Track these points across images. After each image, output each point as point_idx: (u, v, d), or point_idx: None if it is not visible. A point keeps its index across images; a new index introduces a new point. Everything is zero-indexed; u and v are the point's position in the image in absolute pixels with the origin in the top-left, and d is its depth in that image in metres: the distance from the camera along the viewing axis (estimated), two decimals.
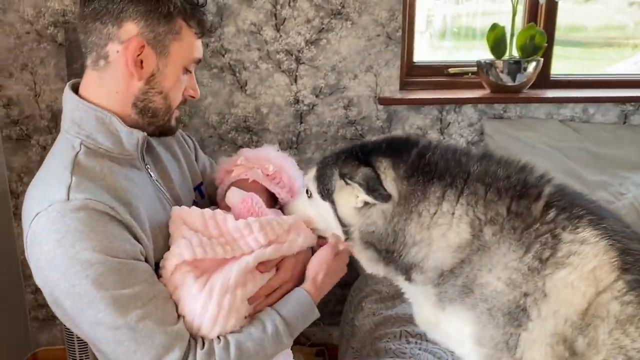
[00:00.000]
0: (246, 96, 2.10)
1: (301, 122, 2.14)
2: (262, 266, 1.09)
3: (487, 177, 0.97)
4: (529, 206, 0.94)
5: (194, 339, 0.99)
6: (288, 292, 1.12)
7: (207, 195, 1.35)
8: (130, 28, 1.02)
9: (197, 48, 1.11)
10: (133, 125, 1.08)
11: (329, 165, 1.07)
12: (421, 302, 1.06)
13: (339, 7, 2.03)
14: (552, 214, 0.93)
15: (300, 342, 2.37)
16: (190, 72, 1.13)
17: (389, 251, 1.01)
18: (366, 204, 1.01)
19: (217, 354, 0.97)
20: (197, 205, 1.15)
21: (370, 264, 1.06)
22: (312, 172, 1.11)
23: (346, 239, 1.07)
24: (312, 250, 1.24)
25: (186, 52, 1.08)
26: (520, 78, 2.12)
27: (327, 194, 1.06)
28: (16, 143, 2.07)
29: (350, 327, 1.82)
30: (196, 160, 1.37)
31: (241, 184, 1.23)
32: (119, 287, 0.93)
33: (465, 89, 2.22)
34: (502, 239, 0.93)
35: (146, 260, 1.01)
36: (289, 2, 2.01)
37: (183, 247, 1.03)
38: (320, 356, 2.32)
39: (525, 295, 0.91)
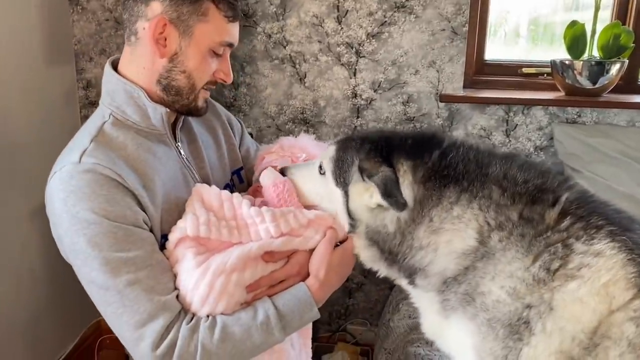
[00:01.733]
0: (305, 88, 2.10)
1: (358, 117, 2.10)
2: (267, 256, 1.06)
3: (505, 181, 0.90)
4: (542, 212, 0.86)
5: (185, 312, 1.00)
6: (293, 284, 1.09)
7: (246, 181, 1.37)
8: (156, 6, 1.05)
9: (228, 32, 1.11)
10: (159, 101, 1.11)
11: (350, 151, 1.02)
12: (425, 308, 1.01)
13: (403, 0, 1.97)
14: (566, 222, 0.84)
15: (345, 340, 2.35)
16: (221, 55, 1.13)
17: (392, 252, 0.97)
18: (380, 205, 0.97)
19: (201, 331, 0.97)
20: (234, 190, 1.16)
21: (370, 262, 1.02)
22: (331, 151, 1.06)
23: (350, 232, 1.04)
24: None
25: (213, 35, 1.09)
26: (601, 81, 1.94)
27: (341, 182, 1.03)
28: None
29: (385, 328, 1.76)
30: (241, 144, 1.39)
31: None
32: (112, 250, 0.96)
33: (537, 91, 2.07)
34: (508, 246, 0.86)
35: (151, 231, 1.04)
36: None
37: (189, 222, 1.04)
38: (365, 356, 2.28)
39: (529, 307, 0.83)
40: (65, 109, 2.15)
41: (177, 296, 1.00)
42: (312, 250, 1.11)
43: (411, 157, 0.96)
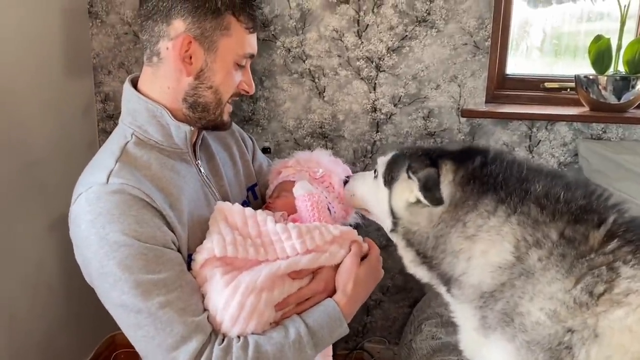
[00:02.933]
0: (324, 102, 2.08)
1: (377, 131, 2.08)
2: (294, 273, 1.06)
3: (546, 199, 0.87)
4: (585, 233, 0.83)
5: (215, 334, 0.98)
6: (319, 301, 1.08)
7: (260, 197, 1.35)
8: (179, 25, 1.03)
9: (249, 43, 1.10)
10: (184, 119, 1.10)
11: (404, 155, 1.06)
12: (464, 322, 0.98)
13: (425, 15, 1.95)
14: (613, 244, 0.80)
15: (363, 358, 2.30)
16: (244, 67, 1.12)
17: (427, 256, 0.97)
18: (418, 201, 0.98)
19: (235, 352, 0.95)
20: (249, 206, 1.15)
21: (412, 265, 1.02)
22: (388, 157, 1.11)
23: (392, 231, 1.05)
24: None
25: (236, 47, 1.08)
26: (626, 96, 1.90)
27: (389, 180, 1.05)
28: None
29: (407, 349, 1.72)
30: (253, 160, 1.38)
31: (287, 185, 1.21)
32: (144, 272, 0.94)
33: (560, 106, 2.03)
34: (548, 265, 0.82)
35: (179, 251, 1.02)
36: (373, 9, 1.97)
37: (215, 242, 1.02)
38: None
39: (570, 331, 0.79)
40: (83, 122, 2.15)
41: (208, 317, 0.98)
42: (337, 266, 1.10)
43: (455, 160, 0.98)
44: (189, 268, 1.04)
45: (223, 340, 0.97)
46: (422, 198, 0.96)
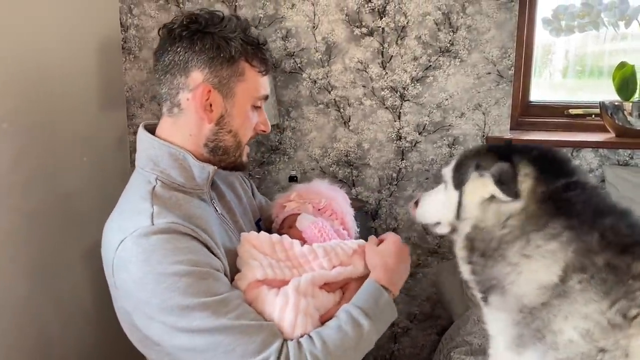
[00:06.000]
0: (349, 131, 2.12)
1: (402, 159, 2.10)
2: (326, 286, 1.11)
3: (609, 231, 0.89)
4: (629, 263, 0.85)
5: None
6: None
7: (264, 230, 1.39)
8: (197, 76, 1.08)
9: (263, 85, 1.14)
10: (205, 161, 1.14)
11: (470, 157, 1.06)
12: (497, 334, 0.99)
13: (448, 45, 1.99)
14: None
15: None
16: (260, 108, 1.17)
17: (484, 255, 0.98)
18: (492, 198, 0.98)
19: (304, 343, 0.99)
20: None
21: (461, 263, 1.04)
22: (452, 163, 1.11)
23: (451, 232, 1.08)
24: None
25: (252, 91, 1.12)
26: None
27: (459, 182, 1.05)
28: None
29: None
30: (254, 197, 1.42)
31: (293, 218, 1.26)
32: (209, 295, 0.97)
33: (585, 132, 2.04)
34: (587, 288, 0.85)
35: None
36: (397, 40, 2.02)
37: (255, 267, 1.07)
38: None
39: (603, 351, 0.82)
40: (116, 154, 2.22)
41: None
42: (363, 278, 1.15)
43: (536, 168, 0.96)
44: None
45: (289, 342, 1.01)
46: (498, 193, 0.96)
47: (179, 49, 1.09)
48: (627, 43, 2.07)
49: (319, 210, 1.27)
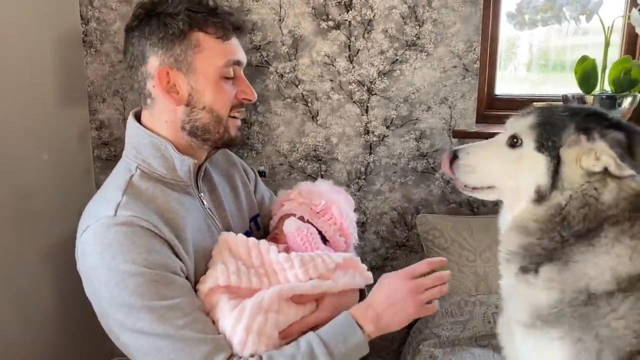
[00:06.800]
0: (317, 126, 2.11)
1: (370, 153, 2.10)
2: (297, 297, 1.06)
3: None
4: None
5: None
6: None
7: (262, 227, 1.36)
8: (154, 61, 1.07)
9: (227, 51, 1.09)
10: (190, 149, 1.11)
11: (558, 115, 0.94)
12: (515, 305, 0.96)
13: (414, 39, 2.00)
14: None
15: None
16: (236, 77, 1.11)
17: (575, 233, 0.88)
18: (604, 172, 0.87)
19: None
20: (251, 237, 1.16)
21: (524, 234, 0.93)
22: (526, 119, 0.97)
23: (535, 201, 0.93)
24: (360, 293, 1.19)
25: (215, 60, 1.07)
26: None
27: (549, 145, 0.91)
28: (105, 163, 2.23)
29: None
30: (255, 191, 1.39)
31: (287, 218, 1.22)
32: (157, 299, 0.95)
33: None
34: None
35: (187, 279, 1.03)
36: (364, 34, 2.01)
37: (219, 272, 1.04)
38: None
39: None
40: (79, 150, 2.16)
41: None
42: (342, 293, 1.10)
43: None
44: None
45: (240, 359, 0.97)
46: (622, 166, 0.84)
47: (133, 41, 1.09)
48: (588, 37, 2.11)
49: (316, 213, 1.22)
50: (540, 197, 0.92)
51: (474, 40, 1.97)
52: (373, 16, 2.00)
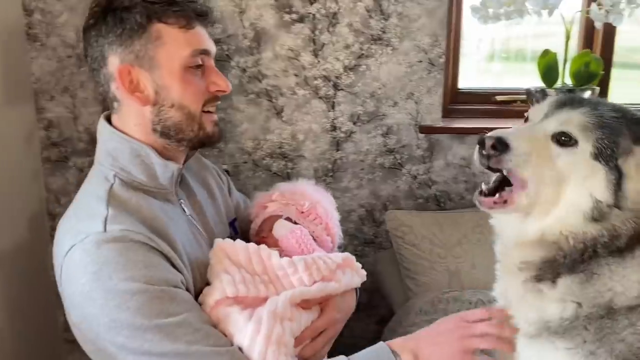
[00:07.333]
0: (282, 122, 2.05)
1: (338, 150, 2.06)
2: (304, 303, 1.03)
3: None
4: None
5: None
6: (334, 335, 1.07)
7: (240, 232, 1.30)
8: (114, 60, 0.99)
9: (192, 40, 1.01)
10: (168, 153, 1.04)
11: (611, 117, 0.84)
12: (515, 318, 0.92)
13: (380, 33, 1.96)
14: None
15: None
16: (204, 67, 1.04)
17: (606, 246, 0.82)
18: None
19: None
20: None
21: (549, 250, 0.86)
22: (579, 117, 0.85)
23: (595, 220, 0.83)
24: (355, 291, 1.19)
25: (178, 52, 1.00)
26: None
27: (607, 154, 0.82)
28: (55, 165, 2.09)
29: None
30: (230, 195, 1.33)
31: (275, 220, 1.18)
32: (163, 316, 0.89)
33: (513, 118, 2.09)
34: None
35: (187, 291, 0.97)
36: (328, 28, 1.96)
37: (226, 282, 0.99)
38: None
39: None
40: (25, 152, 2.01)
41: None
42: (343, 293, 1.09)
43: None
44: None
45: None
46: None
47: (92, 41, 1.01)
48: (550, 31, 2.13)
49: (302, 213, 1.19)
50: (601, 215, 0.82)
51: (439, 35, 1.96)
52: (338, 9, 1.95)
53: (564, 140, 0.85)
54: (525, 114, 1.00)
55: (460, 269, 1.81)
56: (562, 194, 0.85)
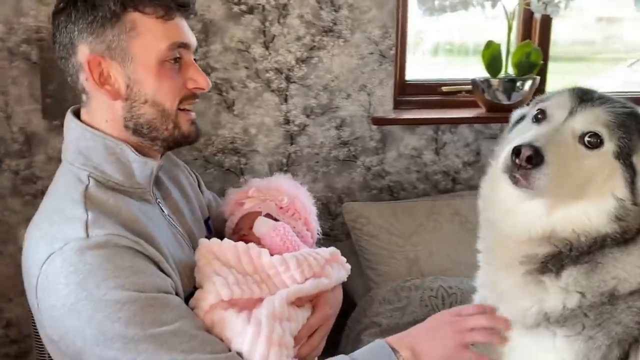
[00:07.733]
0: (233, 116, 1.99)
1: (292, 143, 2.04)
2: (298, 300, 1.02)
3: None
4: None
5: None
6: (328, 331, 1.07)
7: (213, 230, 1.26)
8: (83, 49, 0.93)
9: (170, 32, 0.95)
10: (143, 150, 0.98)
11: (624, 113, 0.82)
12: (512, 309, 0.92)
13: (331, 24, 1.95)
14: None
15: None
16: (183, 62, 0.98)
17: (615, 240, 0.82)
18: None
19: None
20: None
21: (555, 245, 0.86)
22: (604, 115, 0.82)
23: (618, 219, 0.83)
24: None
25: (155, 44, 0.93)
26: (515, 97, 2.06)
27: (625, 153, 0.81)
28: None
29: None
30: (202, 193, 1.29)
31: (254, 217, 1.14)
32: (157, 325, 0.83)
33: (460, 108, 2.15)
34: None
35: (176, 294, 0.92)
36: (279, 19, 1.93)
37: (219, 285, 0.94)
38: None
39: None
40: None
41: None
42: (333, 288, 1.09)
43: None
44: None
45: None
46: None
47: (60, 27, 0.93)
48: (493, 23, 2.21)
49: (280, 208, 1.15)
50: (625, 213, 0.82)
51: (389, 27, 1.98)
52: (288, 0, 1.92)
53: (591, 141, 0.82)
54: (530, 102, 0.98)
55: (419, 257, 1.84)
56: (583, 194, 0.83)
